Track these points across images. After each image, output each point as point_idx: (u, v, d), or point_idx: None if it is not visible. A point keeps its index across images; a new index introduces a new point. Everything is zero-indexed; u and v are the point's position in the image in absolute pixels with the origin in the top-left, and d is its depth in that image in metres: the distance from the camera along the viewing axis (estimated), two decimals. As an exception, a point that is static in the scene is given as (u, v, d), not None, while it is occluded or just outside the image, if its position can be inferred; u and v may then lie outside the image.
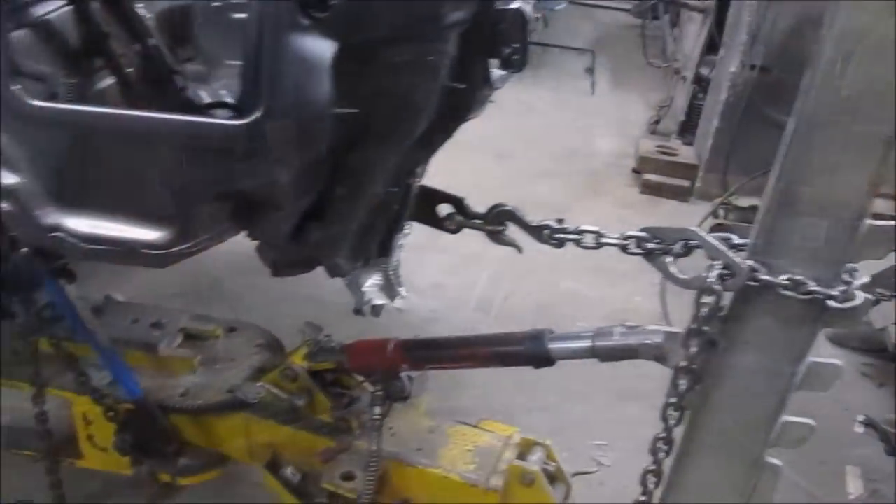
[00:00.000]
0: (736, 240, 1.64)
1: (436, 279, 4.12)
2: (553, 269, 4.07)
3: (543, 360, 1.88)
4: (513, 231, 1.97)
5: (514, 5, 1.66)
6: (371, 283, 2.15)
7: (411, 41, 1.45)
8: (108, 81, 1.71)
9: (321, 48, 1.31)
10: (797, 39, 4.60)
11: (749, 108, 4.85)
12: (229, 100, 1.88)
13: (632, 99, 6.98)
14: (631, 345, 1.76)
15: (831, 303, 1.47)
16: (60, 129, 1.44)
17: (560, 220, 1.79)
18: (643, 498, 1.72)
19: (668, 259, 1.67)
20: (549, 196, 4.97)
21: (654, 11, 7.43)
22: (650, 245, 1.68)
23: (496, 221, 1.92)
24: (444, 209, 2.04)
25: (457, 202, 1.99)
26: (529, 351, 1.87)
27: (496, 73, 1.79)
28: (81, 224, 1.50)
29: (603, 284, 4.23)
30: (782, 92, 4.71)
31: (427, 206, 2.03)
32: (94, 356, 2.26)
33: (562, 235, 1.79)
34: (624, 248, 1.71)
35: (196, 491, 2.51)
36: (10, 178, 1.48)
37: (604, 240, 1.75)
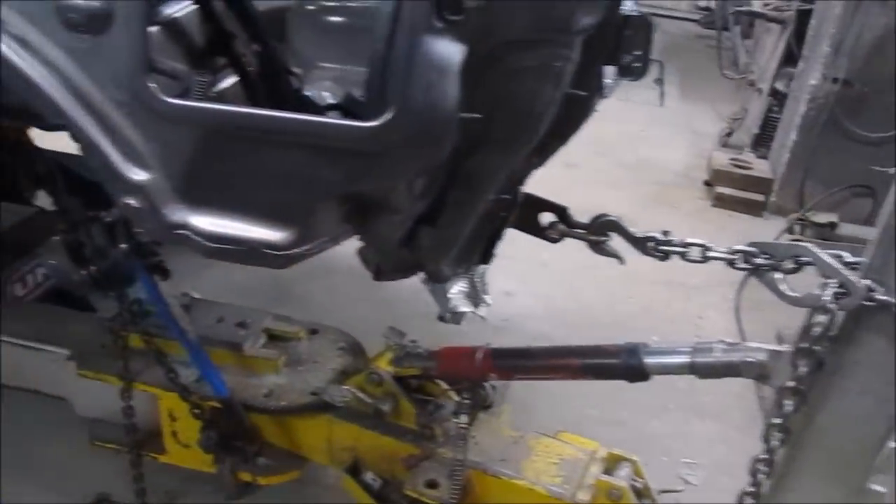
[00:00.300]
0: (849, 257, 1.59)
1: (506, 287, 4.09)
2: (624, 280, 4.01)
3: (638, 374, 1.84)
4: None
5: (629, 10, 1.64)
6: (457, 289, 2.13)
7: (539, 47, 1.43)
8: (230, 81, 1.73)
9: (452, 52, 1.30)
10: (883, 53, 4.48)
11: (829, 121, 4.74)
12: (332, 101, 1.89)
13: (701, 110, 6.88)
14: (733, 362, 1.72)
15: (951, 326, 1.42)
16: (194, 126, 1.45)
17: (665, 233, 1.76)
18: (740, 519, 1.68)
19: (778, 276, 1.63)
20: (618, 206, 4.85)
21: (724, 22, 7.33)
22: (758, 260, 1.64)
23: (599, 232, 1.89)
24: (546, 218, 2.01)
25: (560, 211, 1.97)
26: (624, 364, 1.83)
27: (606, 81, 1.77)
28: (206, 222, 1.50)
29: (675, 298, 4.17)
30: (865, 106, 4.61)
31: (530, 214, 2.01)
32: (180, 353, 2.29)
33: (667, 248, 1.76)
34: (731, 263, 1.67)
35: (270, 491, 2.51)
36: (140, 175, 1.49)
37: (710, 253, 1.71)
